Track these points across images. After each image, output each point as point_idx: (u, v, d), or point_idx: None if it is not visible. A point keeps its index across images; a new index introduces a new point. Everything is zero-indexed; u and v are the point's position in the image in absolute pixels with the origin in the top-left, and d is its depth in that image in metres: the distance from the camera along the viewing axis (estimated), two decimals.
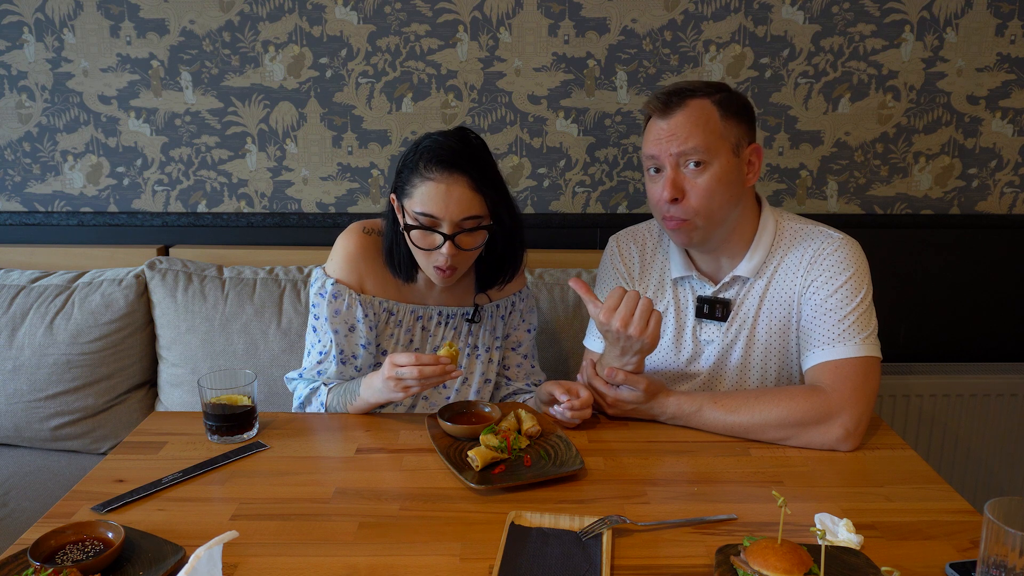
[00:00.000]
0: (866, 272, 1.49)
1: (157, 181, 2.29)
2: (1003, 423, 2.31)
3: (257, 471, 1.31)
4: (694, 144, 1.42)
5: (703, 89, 1.46)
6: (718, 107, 1.44)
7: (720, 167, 1.43)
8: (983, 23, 2.20)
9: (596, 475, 1.30)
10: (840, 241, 1.49)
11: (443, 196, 1.42)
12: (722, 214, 1.47)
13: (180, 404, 2.07)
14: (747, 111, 1.49)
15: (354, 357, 1.59)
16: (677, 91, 1.46)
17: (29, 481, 1.90)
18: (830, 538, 1.08)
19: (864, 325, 1.44)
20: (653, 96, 1.48)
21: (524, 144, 2.26)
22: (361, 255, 1.59)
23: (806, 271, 1.49)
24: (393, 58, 2.20)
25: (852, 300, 1.44)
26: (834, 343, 1.43)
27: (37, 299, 2.05)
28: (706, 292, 1.56)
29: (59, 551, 1.04)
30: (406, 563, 1.06)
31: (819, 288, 1.47)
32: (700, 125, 1.42)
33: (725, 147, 1.44)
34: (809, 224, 1.55)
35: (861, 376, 1.40)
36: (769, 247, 1.52)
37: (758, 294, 1.52)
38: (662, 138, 1.44)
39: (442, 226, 1.44)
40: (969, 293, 2.37)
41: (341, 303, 1.56)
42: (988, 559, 0.92)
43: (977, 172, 2.31)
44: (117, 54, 2.19)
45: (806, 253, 1.50)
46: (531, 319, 1.76)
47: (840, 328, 1.43)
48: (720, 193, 1.44)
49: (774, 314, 1.52)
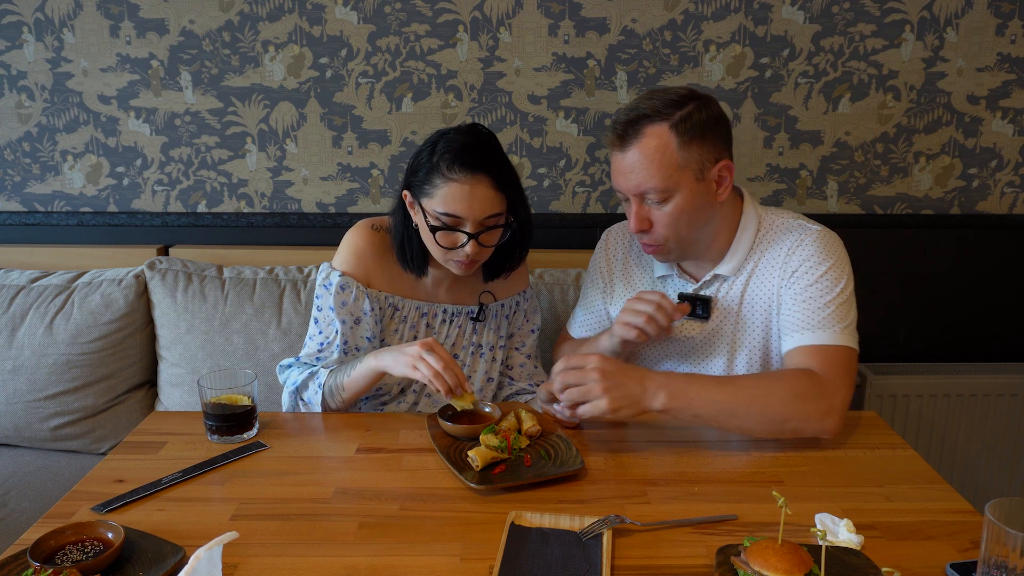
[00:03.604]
0: (846, 264, 1.48)
1: (157, 181, 2.29)
2: (1003, 423, 2.30)
3: (257, 471, 1.31)
4: (651, 185, 1.39)
5: (662, 111, 1.39)
6: (676, 134, 1.38)
7: (683, 197, 1.41)
8: (983, 23, 2.19)
9: (596, 475, 1.30)
10: (818, 233, 1.49)
11: (467, 197, 1.43)
12: (692, 235, 1.47)
13: (180, 404, 2.06)
14: (714, 126, 1.41)
15: (357, 349, 1.59)
16: (633, 120, 1.39)
17: (29, 481, 1.90)
18: (830, 538, 1.08)
19: (844, 315, 1.43)
20: (610, 125, 1.43)
21: (524, 144, 2.26)
22: (369, 250, 1.60)
23: (784, 263, 1.49)
24: (393, 58, 2.20)
25: (833, 289, 1.44)
26: (815, 329, 1.42)
27: (37, 299, 2.05)
28: (687, 290, 1.57)
29: (59, 551, 1.04)
30: (406, 563, 1.06)
31: (799, 278, 1.46)
32: (655, 161, 1.38)
33: (686, 176, 1.40)
34: (790, 218, 1.54)
35: (845, 362, 1.40)
36: (750, 245, 1.52)
37: (739, 290, 1.53)
38: (621, 173, 1.43)
39: (465, 225, 1.46)
40: (969, 293, 2.37)
41: (348, 295, 1.57)
42: (989, 560, 0.92)
43: (977, 172, 2.31)
44: (117, 54, 2.19)
45: (784, 246, 1.50)
46: (535, 319, 1.77)
47: (822, 315, 1.42)
48: (686, 220, 1.43)
49: (755, 308, 1.52)
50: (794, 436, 1.36)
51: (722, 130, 1.44)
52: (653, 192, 1.40)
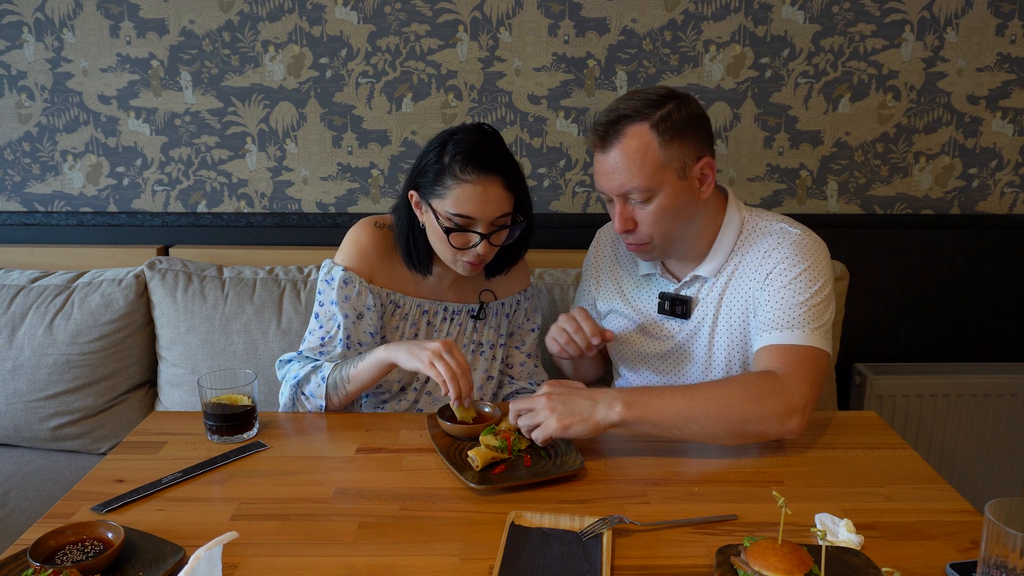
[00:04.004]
0: (825, 267, 1.47)
1: (157, 181, 2.29)
2: (1003, 423, 2.30)
3: (257, 471, 1.31)
4: (634, 184, 1.40)
5: (642, 111, 1.39)
6: (657, 133, 1.38)
7: (666, 196, 1.42)
8: (983, 23, 2.19)
9: (596, 475, 1.30)
10: (797, 236, 1.48)
11: (480, 198, 1.44)
12: (677, 232, 1.47)
13: (180, 404, 2.07)
14: (694, 124, 1.42)
15: (360, 344, 1.59)
16: (613, 120, 1.40)
17: (29, 481, 1.90)
18: (830, 538, 1.08)
19: (817, 316, 1.42)
20: (592, 126, 1.44)
21: (524, 144, 2.26)
22: (373, 247, 1.60)
23: (760, 265, 1.48)
24: (393, 58, 2.20)
25: (807, 290, 1.43)
26: (783, 328, 1.41)
27: (37, 299, 2.05)
28: (668, 289, 1.57)
29: (59, 551, 1.04)
30: (406, 563, 1.06)
31: (774, 279, 1.45)
32: (637, 161, 1.39)
33: (668, 175, 1.41)
34: (773, 221, 1.53)
35: (812, 363, 1.38)
36: (732, 246, 1.52)
37: (718, 291, 1.53)
38: (604, 174, 1.43)
39: (477, 226, 1.47)
40: (969, 293, 2.37)
41: (351, 289, 1.57)
42: (989, 560, 0.92)
43: (977, 172, 2.31)
44: (117, 54, 2.19)
45: (762, 249, 1.49)
46: (535, 319, 1.77)
47: (793, 314, 1.41)
48: (670, 218, 1.44)
49: (734, 310, 1.51)
50: (759, 439, 1.35)
51: (703, 128, 1.44)
52: (636, 192, 1.41)
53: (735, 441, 1.35)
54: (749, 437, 1.34)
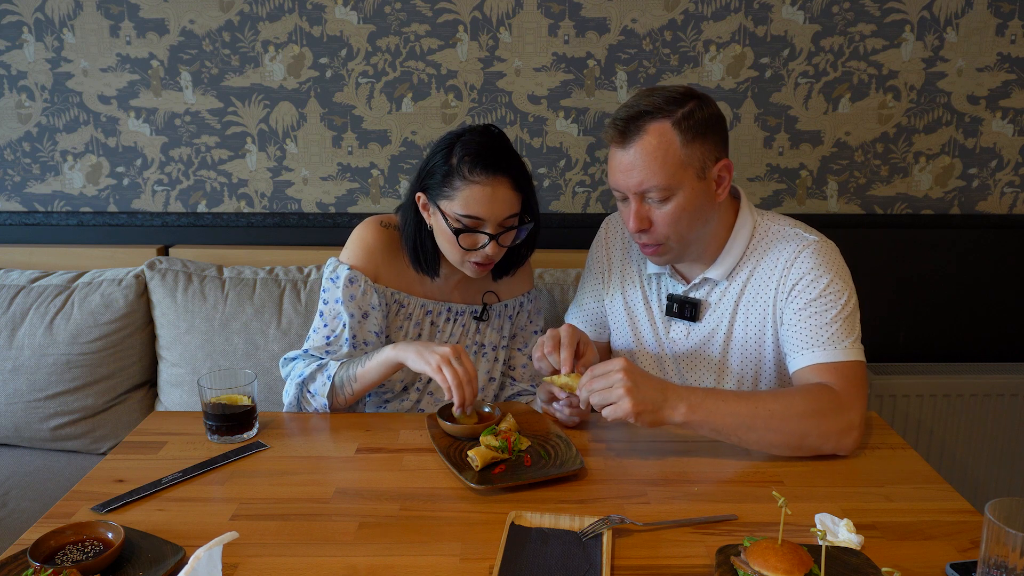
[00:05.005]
0: (846, 275, 1.46)
1: (157, 181, 2.29)
2: (1003, 423, 2.30)
3: (257, 471, 1.31)
4: (654, 183, 1.37)
5: (664, 108, 1.37)
6: (679, 131, 1.36)
7: (685, 196, 1.39)
8: (983, 23, 2.19)
9: (596, 475, 1.30)
10: (815, 243, 1.46)
11: (488, 199, 1.45)
12: (693, 234, 1.45)
13: (180, 404, 2.07)
14: (714, 125, 1.40)
15: (365, 343, 1.59)
16: (635, 116, 1.37)
17: (29, 481, 1.90)
18: (830, 538, 1.08)
19: (851, 329, 1.42)
20: (611, 122, 1.40)
21: (524, 144, 2.26)
22: (378, 246, 1.60)
23: (783, 275, 1.46)
24: (393, 58, 2.20)
25: (836, 303, 1.42)
26: (824, 346, 1.40)
27: (37, 299, 2.05)
28: (676, 291, 1.56)
29: (59, 551, 1.04)
30: (406, 563, 1.06)
31: (800, 293, 1.44)
32: (659, 159, 1.36)
33: (688, 174, 1.38)
34: (786, 225, 1.51)
35: (860, 378, 1.39)
36: (743, 250, 1.50)
37: (734, 297, 1.51)
38: (622, 171, 1.40)
39: (486, 227, 1.47)
40: (969, 293, 2.37)
41: (357, 288, 1.57)
42: (989, 560, 0.92)
43: (977, 172, 2.31)
44: (117, 54, 2.19)
45: (781, 256, 1.47)
46: (538, 321, 1.77)
47: (829, 331, 1.41)
48: (687, 218, 1.41)
49: (751, 317, 1.50)
50: (812, 453, 1.34)
51: (721, 129, 1.43)
52: (655, 190, 1.38)
53: (790, 452, 1.34)
54: (805, 450, 1.34)
